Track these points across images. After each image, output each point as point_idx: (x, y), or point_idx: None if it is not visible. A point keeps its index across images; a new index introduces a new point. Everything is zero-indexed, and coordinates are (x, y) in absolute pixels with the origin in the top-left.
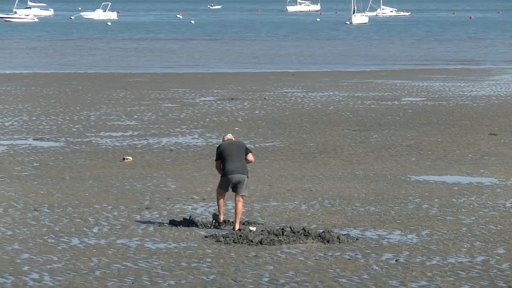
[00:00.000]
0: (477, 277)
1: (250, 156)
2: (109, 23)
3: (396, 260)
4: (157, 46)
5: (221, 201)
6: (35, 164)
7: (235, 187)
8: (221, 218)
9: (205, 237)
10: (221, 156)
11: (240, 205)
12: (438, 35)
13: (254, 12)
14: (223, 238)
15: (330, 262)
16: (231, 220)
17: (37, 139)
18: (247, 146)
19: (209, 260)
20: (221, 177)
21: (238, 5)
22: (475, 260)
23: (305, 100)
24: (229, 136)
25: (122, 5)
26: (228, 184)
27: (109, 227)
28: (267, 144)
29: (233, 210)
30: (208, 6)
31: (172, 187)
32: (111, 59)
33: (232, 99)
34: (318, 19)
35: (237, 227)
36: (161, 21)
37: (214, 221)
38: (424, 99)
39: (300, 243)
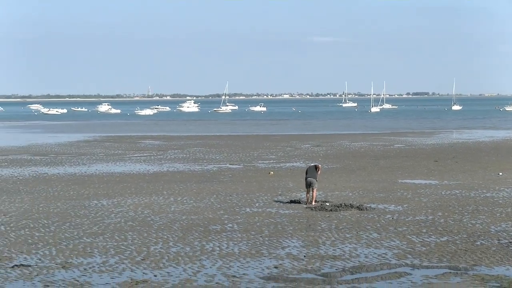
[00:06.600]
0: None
1: (319, 170)
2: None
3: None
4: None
5: (306, 194)
6: (229, 176)
7: (310, 185)
8: (307, 201)
9: (306, 208)
10: (307, 171)
11: (313, 193)
12: (427, 117)
13: (323, 107)
14: (314, 208)
15: (363, 218)
16: (319, 201)
17: (231, 164)
18: (318, 165)
19: (307, 217)
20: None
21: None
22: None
23: (350, 146)
24: (312, 164)
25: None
26: (306, 183)
27: (262, 203)
28: (329, 166)
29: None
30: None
31: (291, 185)
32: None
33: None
34: (356, 109)
35: (313, 203)
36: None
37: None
38: (403, 145)
39: (348, 211)
